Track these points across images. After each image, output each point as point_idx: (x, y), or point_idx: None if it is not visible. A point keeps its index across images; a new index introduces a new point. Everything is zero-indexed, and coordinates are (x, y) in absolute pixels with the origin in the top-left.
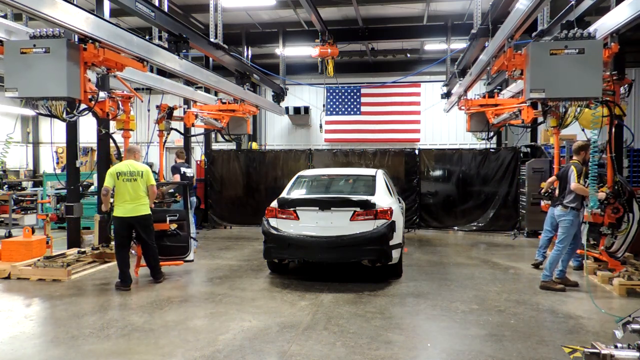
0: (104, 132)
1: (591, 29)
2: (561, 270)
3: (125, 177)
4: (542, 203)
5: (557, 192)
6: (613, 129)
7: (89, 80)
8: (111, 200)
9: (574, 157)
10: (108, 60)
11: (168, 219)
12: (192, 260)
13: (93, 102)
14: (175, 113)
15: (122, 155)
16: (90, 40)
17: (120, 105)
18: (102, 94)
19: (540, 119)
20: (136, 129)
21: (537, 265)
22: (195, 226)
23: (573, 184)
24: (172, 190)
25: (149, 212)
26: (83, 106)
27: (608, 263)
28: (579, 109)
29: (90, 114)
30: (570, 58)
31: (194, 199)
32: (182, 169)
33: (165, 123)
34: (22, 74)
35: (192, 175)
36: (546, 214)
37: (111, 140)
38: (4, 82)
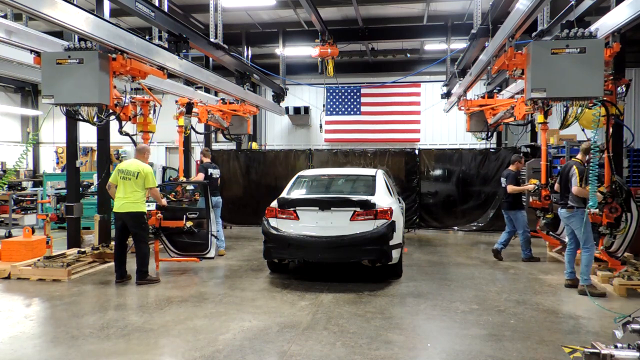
0: (124, 133)
1: (592, 28)
2: (570, 272)
3: (122, 175)
4: (531, 199)
5: (558, 190)
6: (611, 129)
7: (115, 87)
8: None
9: (579, 156)
10: (133, 70)
11: (185, 216)
12: (212, 258)
13: (119, 108)
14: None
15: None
16: (119, 52)
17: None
18: (125, 99)
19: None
20: (155, 131)
21: (498, 254)
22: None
23: (575, 187)
24: (190, 188)
25: (138, 210)
26: (109, 110)
27: (608, 263)
28: (580, 109)
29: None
30: (571, 57)
31: (219, 198)
32: (210, 170)
33: (185, 119)
34: (57, 83)
35: (218, 176)
36: (540, 210)
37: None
38: (42, 89)
